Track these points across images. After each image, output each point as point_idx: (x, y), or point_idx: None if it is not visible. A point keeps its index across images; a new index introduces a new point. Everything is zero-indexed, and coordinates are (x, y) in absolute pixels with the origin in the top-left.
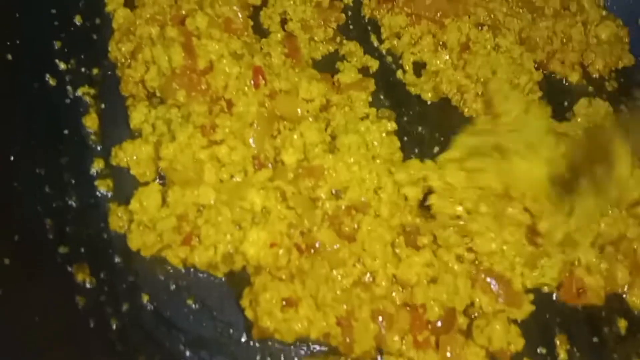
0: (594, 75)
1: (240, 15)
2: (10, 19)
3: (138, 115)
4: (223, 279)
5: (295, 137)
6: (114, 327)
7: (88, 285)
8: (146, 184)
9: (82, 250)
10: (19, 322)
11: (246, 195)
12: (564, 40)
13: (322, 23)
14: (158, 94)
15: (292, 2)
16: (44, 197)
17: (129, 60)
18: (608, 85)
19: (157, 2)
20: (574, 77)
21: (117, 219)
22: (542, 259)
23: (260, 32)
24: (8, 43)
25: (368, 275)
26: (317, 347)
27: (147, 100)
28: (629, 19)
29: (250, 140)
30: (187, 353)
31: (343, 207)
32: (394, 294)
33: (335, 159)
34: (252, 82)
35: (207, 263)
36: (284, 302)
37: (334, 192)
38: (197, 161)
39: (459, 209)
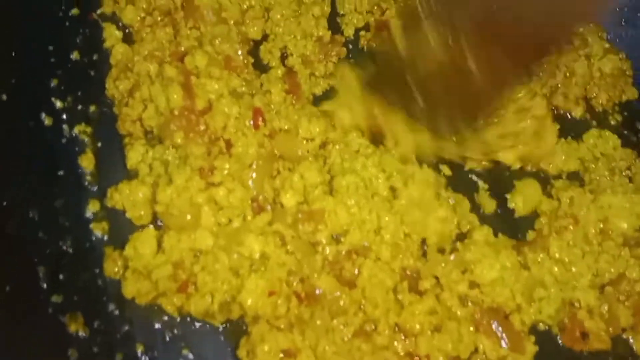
0: (598, 109)
1: (240, 53)
2: (7, 58)
3: (135, 155)
4: (220, 329)
5: (295, 179)
6: None
7: (81, 336)
8: (142, 227)
9: (76, 298)
10: None
11: (244, 241)
12: (567, 74)
13: (323, 58)
14: (156, 133)
15: (292, 37)
16: (38, 243)
17: (126, 98)
18: (612, 119)
19: (156, 38)
20: (578, 112)
21: (112, 264)
22: (537, 288)
23: (260, 67)
24: (3, 82)
25: (369, 324)
26: None
27: (144, 139)
28: (632, 51)
29: (249, 182)
30: None
31: (343, 252)
32: (396, 343)
33: (335, 201)
34: (252, 122)
35: (203, 312)
36: (282, 354)
37: (334, 236)
38: (194, 205)
39: None
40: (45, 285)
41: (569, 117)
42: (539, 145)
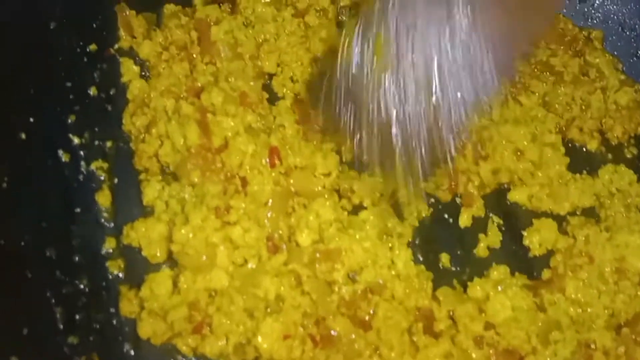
0: (613, 142)
1: (254, 88)
2: (25, 96)
3: (151, 192)
4: None
5: (310, 217)
6: None
7: None
8: (158, 266)
9: (92, 338)
10: None
11: (260, 282)
12: (583, 107)
13: None
14: (172, 170)
15: (299, 64)
16: (55, 282)
17: (143, 134)
18: (627, 152)
19: (172, 74)
20: (593, 145)
21: (128, 304)
22: (553, 332)
23: (274, 101)
24: (22, 121)
25: None
26: None
27: (160, 175)
28: None
29: (265, 221)
30: None
31: (359, 291)
32: None
33: (351, 239)
34: (268, 161)
35: (218, 353)
36: None
37: (350, 275)
38: (210, 244)
39: None
40: (61, 327)
41: (584, 150)
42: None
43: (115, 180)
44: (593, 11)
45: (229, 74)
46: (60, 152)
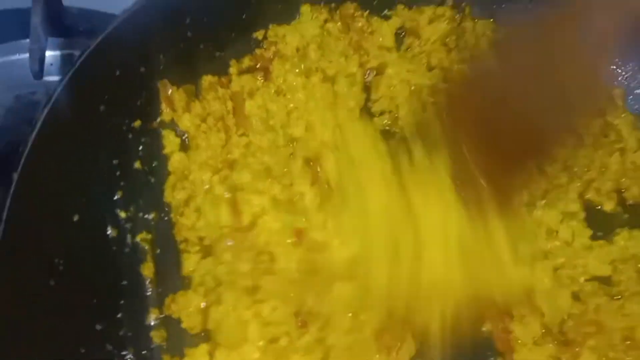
0: (629, 202)
1: (280, 161)
2: (77, 179)
3: (189, 264)
4: None
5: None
6: None
7: None
8: (196, 338)
9: None
10: None
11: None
12: (602, 169)
13: None
14: (207, 244)
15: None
16: (105, 354)
17: (182, 208)
18: None
19: (210, 146)
20: (610, 205)
21: None
22: None
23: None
24: (75, 203)
25: None
26: None
27: (198, 246)
28: None
29: (292, 297)
30: None
31: None
32: None
33: None
34: (294, 240)
35: None
36: None
37: None
38: (241, 322)
39: None
40: None
41: (600, 210)
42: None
43: (158, 251)
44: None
45: (258, 149)
46: (109, 228)
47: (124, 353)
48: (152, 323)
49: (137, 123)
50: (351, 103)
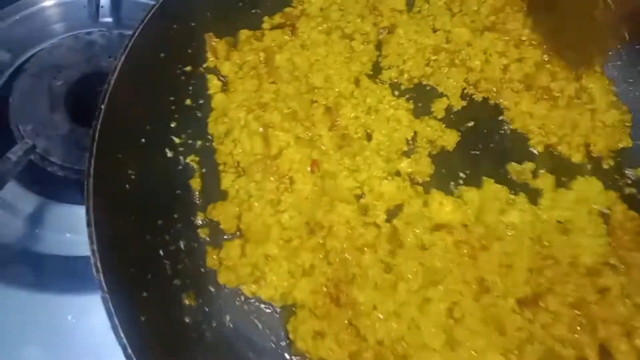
0: (594, 155)
1: (304, 106)
2: (144, 111)
3: (226, 182)
4: (278, 309)
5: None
6: (208, 338)
7: (192, 306)
8: (231, 237)
9: (188, 282)
10: (147, 329)
11: (300, 255)
12: (573, 126)
13: None
14: (242, 166)
15: (342, 79)
16: (164, 243)
17: (222, 139)
18: (604, 164)
19: (245, 89)
20: (578, 157)
21: (212, 260)
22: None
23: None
24: (141, 129)
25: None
26: None
27: (234, 168)
28: (633, 105)
29: (305, 210)
30: (251, 356)
31: None
32: None
33: None
34: (310, 168)
35: (269, 298)
36: (314, 333)
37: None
38: (266, 225)
39: None
40: (169, 273)
41: (569, 161)
42: None
43: (203, 170)
44: None
45: (286, 96)
46: (167, 150)
47: (179, 243)
48: (199, 223)
49: (188, 68)
50: (364, 58)
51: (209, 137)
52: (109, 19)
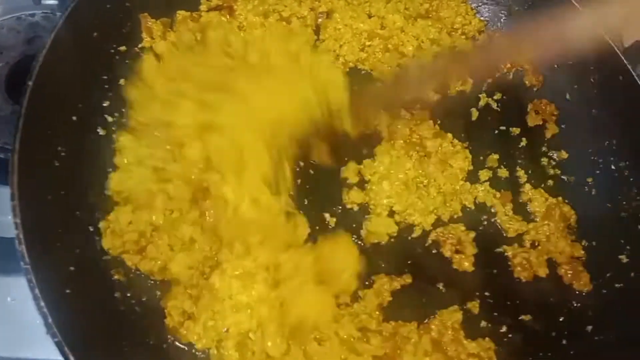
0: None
1: None
2: (77, 89)
3: (124, 141)
4: (157, 282)
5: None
6: (137, 312)
7: (122, 282)
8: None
9: (119, 258)
10: (73, 302)
11: (180, 227)
12: None
13: None
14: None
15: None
16: (95, 220)
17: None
18: None
19: (178, 65)
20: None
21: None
22: None
23: None
24: (74, 107)
25: None
26: None
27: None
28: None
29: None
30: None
31: None
32: None
33: None
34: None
35: (148, 271)
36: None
37: None
38: (151, 193)
39: None
40: (99, 248)
41: None
42: None
43: None
44: None
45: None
46: (99, 128)
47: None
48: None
49: (122, 48)
50: (302, 39)
51: None
52: (53, 1)
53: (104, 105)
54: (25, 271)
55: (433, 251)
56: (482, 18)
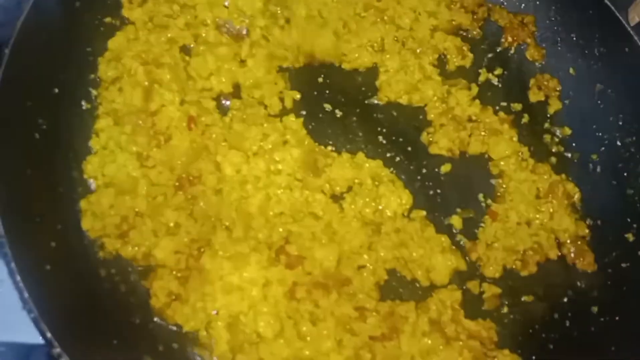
0: None
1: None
2: (59, 61)
3: (101, 125)
4: (139, 268)
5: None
6: (122, 290)
7: (108, 260)
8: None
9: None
10: (53, 278)
11: (164, 212)
12: None
13: None
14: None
15: None
16: (79, 196)
17: (108, 84)
18: None
19: (147, 41)
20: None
21: (86, 202)
22: None
23: None
24: (55, 79)
25: None
26: None
27: (112, 115)
28: None
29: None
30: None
31: None
32: None
33: None
34: (187, 125)
35: (131, 257)
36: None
37: None
38: (133, 178)
39: None
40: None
41: None
42: None
43: None
44: None
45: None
46: (83, 101)
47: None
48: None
49: (107, 19)
50: None
51: None
52: None
53: (89, 78)
54: (1, 244)
55: None
56: None
